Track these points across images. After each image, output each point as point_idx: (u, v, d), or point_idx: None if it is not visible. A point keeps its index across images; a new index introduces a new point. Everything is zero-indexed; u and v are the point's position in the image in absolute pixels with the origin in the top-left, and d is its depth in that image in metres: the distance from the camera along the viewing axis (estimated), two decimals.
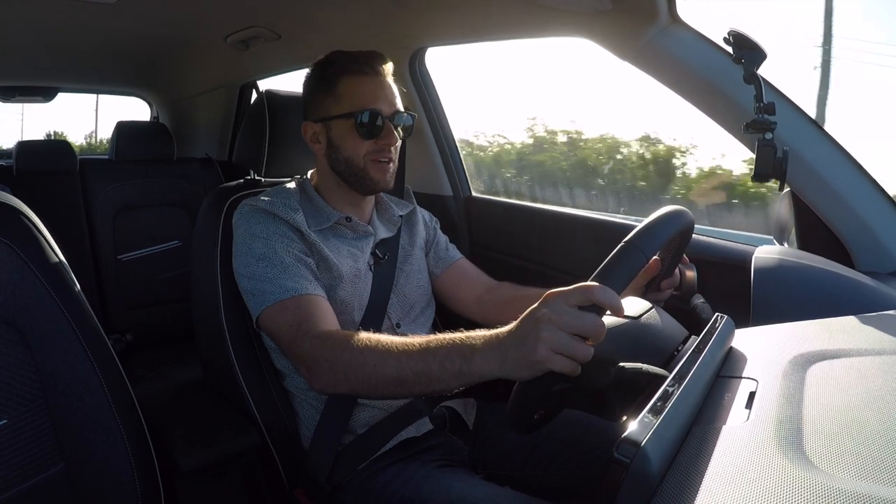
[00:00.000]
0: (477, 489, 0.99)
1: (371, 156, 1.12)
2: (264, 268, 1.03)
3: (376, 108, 1.10)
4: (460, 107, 2.13)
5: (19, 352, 0.76)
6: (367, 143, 1.11)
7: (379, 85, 1.13)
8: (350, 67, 1.12)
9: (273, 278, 1.02)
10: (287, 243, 1.06)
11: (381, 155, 1.13)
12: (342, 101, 1.12)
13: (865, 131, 9.12)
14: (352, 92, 1.11)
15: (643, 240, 0.76)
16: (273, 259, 1.04)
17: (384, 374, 0.84)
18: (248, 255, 1.06)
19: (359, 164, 1.13)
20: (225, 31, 1.95)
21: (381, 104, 1.11)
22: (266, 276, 1.03)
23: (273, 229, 1.07)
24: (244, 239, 1.08)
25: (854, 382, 0.60)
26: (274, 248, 1.05)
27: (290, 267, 1.03)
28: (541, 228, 1.63)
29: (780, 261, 1.07)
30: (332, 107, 1.13)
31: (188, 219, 2.38)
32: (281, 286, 1.01)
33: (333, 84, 1.13)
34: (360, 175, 1.14)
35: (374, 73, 1.12)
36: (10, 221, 0.79)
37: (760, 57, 0.99)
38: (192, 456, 1.01)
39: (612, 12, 1.13)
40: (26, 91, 2.80)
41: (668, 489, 0.47)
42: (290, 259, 1.04)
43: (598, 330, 0.67)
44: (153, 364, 2.11)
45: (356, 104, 1.10)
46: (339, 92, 1.12)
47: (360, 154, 1.12)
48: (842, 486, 0.43)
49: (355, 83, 1.12)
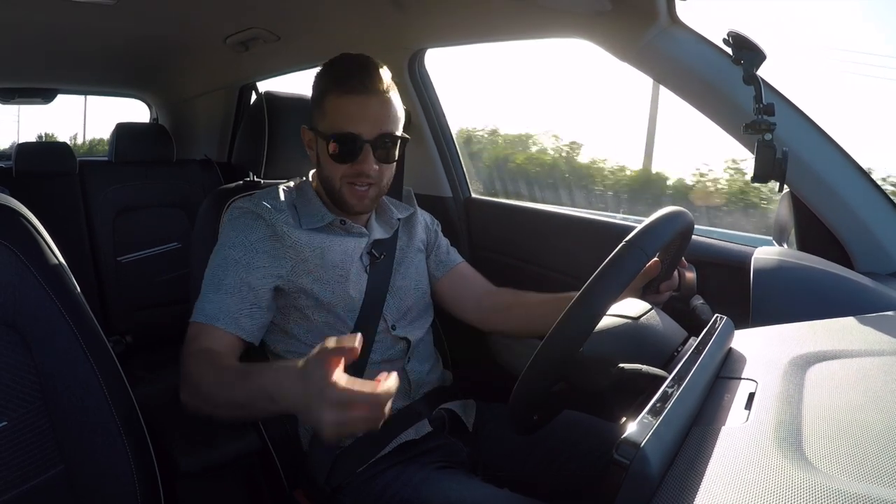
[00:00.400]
0: (476, 491, 0.99)
1: (347, 179, 1.10)
2: (209, 279, 1.07)
3: (355, 132, 1.06)
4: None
5: (19, 353, 0.76)
6: (342, 166, 1.09)
7: (364, 105, 1.07)
8: (338, 85, 1.07)
9: (204, 295, 1.06)
10: (248, 259, 1.07)
11: (358, 180, 1.09)
12: (326, 118, 1.09)
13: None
14: (334, 111, 1.08)
15: (644, 240, 0.76)
16: (220, 275, 1.06)
17: (223, 399, 0.91)
18: (211, 259, 1.09)
19: (335, 186, 1.11)
20: (224, 33, 1.95)
21: (361, 127, 1.06)
22: (206, 291, 1.06)
23: (244, 239, 1.08)
24: (222, 239, 1.10)
25: (853, 383, 0.60)
26: (226, 266, 1.06)
27: (228, 291, 1.05)
28: (541, 230, 1.63)
29: (780, 262, 1.07)
30: (319, 120, 1.11)
31: (188, 220, 2.38)
32: (201, 309, 1.04)
33: (322, 98, 1.10)
34: (336, 196, 1.12)
35: (363, 91, 1.06)
36: (10, 223, 0.79)
37: (760, 58, 0.99)
38: (191, 457, 1.00)
39: (612, 13, 1.13)
40: (25, 93, 2.79)
41: (668, 490, 0.47)
42: (231, 281, 1.05)
43: (374, 414, 0.72)
44: (153, 365, 2.10)
45: (336, 125, 1.07)
46: (325, 108, 1.09)
47: (337, 176, 1.10)
48: (841, 486, 0.43)
49: (340, 102, 1.07)
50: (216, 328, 1.03)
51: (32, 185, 2.16)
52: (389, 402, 0.72)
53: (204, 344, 1.01)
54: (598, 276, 0.74)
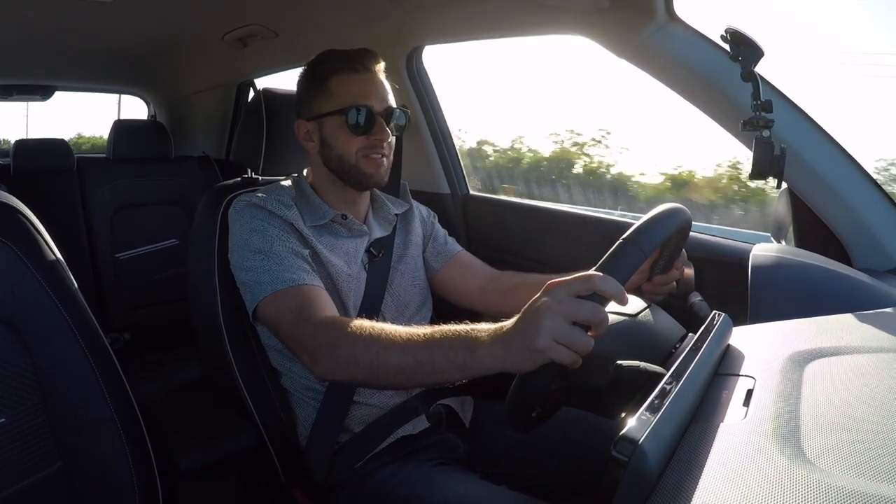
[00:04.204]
0: (473, 488, 0.99)
1: (363, 152, 1.12)
2: (262, 261, 1.03)
3: (367, 105, 1.10)
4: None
5: (17, 351, 0.76)
6: (358, 139, 1.11)
7: (370, 81, 1.13)
8: (341, 66, 1.13)
9: (271, 269, 1.02)
10: (283, 238, 1.06)
11: (374, 151, 1.12)
12: (333, 98, 1.12)
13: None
14: (343, 89, 1.12)
15: (641, 237, 0.76)
16: (270, 252, 1.04)
17: (387, 363, 0.82)
18: (246, 249, 1.06)
19: (350, 161, 1.12)
20: (222, 30, 1.95)
21: (371, 100, 1.11)
22: (264, 267, 1.03)
23: (269, 223, 1.07)
24: (241, 233, 1.08)
25: (851, 380, 0.60)
26: (271, 243, 1.05)
27: (287, 259, 1.03)
28: (539, 226, 1.63)
29: (778, 258, 1.07)
30: (324, 104, 1.13)
31: (186, 217, 2.38)
32: (279, 277, 1.01)
33: (325, 82, 1.13)
34: (352, 171, 1.13)
35: (365, 71, 1.13)
36: (8, 220, 0.79)
37: (758, 54, 0.99)
38: (190, 455, 1.01)
39: (610, 10, 1.13)
40: (24, 90, 2.79)
41: (666, 487, 0.47)
42: (286, 252, 1.04)
43: (600, 318, 0.66)
44: (151, 363, 2.11)
45: (347, 101, 1.10)
46: (330, 90, 1.12)
47: (352, 150, 1.12)
48: (839, 483, 0.43)
49: (346, 80, 1.12)
50: (309, 287, 1.01)
51: (30, 183, 2.16)
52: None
53: (314, 308, 0.96)
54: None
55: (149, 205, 2.36)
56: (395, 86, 1.24)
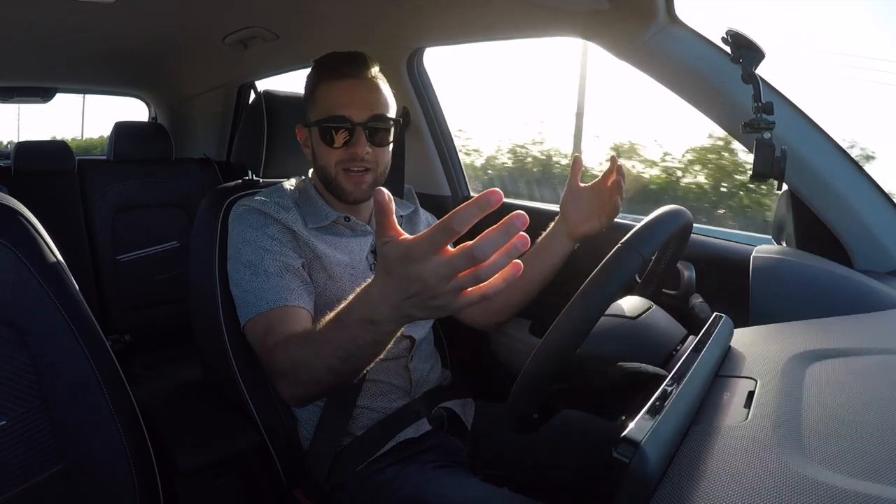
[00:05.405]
0: (475, 490, 0.99)
1: (342, 165, 1.10)
2: (250, 276, 1.03)
3: (344, 115, 1.07)
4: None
5: (18, 352, 0.76)
6: (336, 151, 1.09)
7: (352, 89, 1.08)
8: (326, 72, 1.10)
9: (255, 289, 1.02)
10: (276, 247, 1.05)
11: (352, 164, 1.09)
12: (317, 106, 1.10)
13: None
14: (324, 97, 1.09)
15: (640, 241, 0.76)
16: (259, 267, 1.03)
17: (320, 367, 0.80)
18: (238, 261, 1.06)
19: (330, 174, 1.11)
20: (223, 32, 1.95)
21: (350, 110, 1.07)
22: (250, 285, 1.02)
23: (263, 232, 1.06)
24: (236, 243, 1.07)
25: (853, 381, 0.60)
26: (261, 256, 1.04)
27: (273, 278, 1.02)
28: (540, 228, 1.63)
29: (779, 260, 1.07)
30: (311, 112, 1.12)
31: (186, 219, 2.38)
32: (261, 298, 1.01)
33: (313, 89, 1.12)
34: (332, 184, 1.12)
35: (351, 77, 1.09)
36: (9, 222, 0.79)
37: (759, 56, 0.99)
38: (190, 456, 1.00)
39: (611, 12, 1.13)
40: (24, 92, 2.79)
41: (667, 489, 0.47)
42: (275, 268, 1.03)
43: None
44: (152, 364, 2.11)
45: (325, 110, 1.08)
46: (315, 97, 1.11)
47: (331, 163, 1.10)
48: (841, 484, 0.43)
49: (328, 88, 1.09)
50: (286, 308, 0.99)
51: (31, 184, 2.16)
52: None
53: (279, 332, 0.95)
54: (591, 280, 0.74)
55: (149, 206, 2.36)
56: (404, 106, 1.22)
